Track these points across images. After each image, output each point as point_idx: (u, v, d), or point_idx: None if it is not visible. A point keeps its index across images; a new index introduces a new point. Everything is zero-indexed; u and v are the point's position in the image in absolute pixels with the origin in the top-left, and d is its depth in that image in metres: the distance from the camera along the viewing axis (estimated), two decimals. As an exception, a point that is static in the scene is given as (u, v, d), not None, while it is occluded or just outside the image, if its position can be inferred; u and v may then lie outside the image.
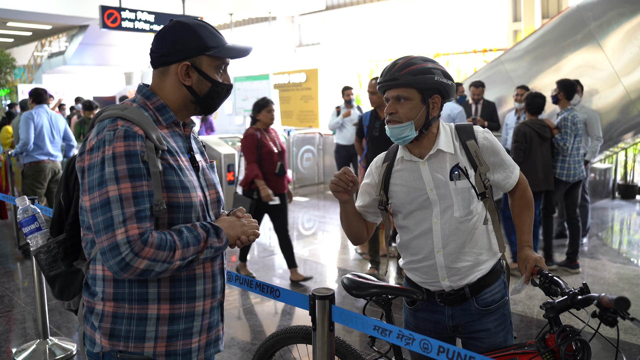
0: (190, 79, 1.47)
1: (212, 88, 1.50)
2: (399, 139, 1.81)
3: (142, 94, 1.49)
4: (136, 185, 1.32)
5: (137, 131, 1.35)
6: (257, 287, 1.81)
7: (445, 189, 1.81)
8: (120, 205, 1.30)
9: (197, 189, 1.47)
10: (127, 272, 1.30)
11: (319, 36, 24.40)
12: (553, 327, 1.59)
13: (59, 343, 3.61)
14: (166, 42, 1.46)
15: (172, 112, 1.49)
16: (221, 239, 1.44)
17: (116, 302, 1.41)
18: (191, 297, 1.46)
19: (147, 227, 1.32)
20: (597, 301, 1.45)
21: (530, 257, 1.78)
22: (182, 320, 1.45)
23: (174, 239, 1.34)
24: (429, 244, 1.84)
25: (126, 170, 1.31)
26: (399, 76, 1.76)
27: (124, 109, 1.41)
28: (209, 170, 1.59)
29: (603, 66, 6.96)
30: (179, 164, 1.43)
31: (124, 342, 1.41)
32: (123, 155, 1.32)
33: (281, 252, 5.04)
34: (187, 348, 1.47)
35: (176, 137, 1.50)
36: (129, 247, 1.28)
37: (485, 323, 1.87)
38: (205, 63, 1.47)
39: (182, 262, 1.35)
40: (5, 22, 19.64)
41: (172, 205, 1.39)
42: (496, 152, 1.86)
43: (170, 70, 1.47)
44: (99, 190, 1.31)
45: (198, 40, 1.45)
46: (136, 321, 1.41)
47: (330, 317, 1.54)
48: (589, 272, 5.07)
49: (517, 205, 1.96)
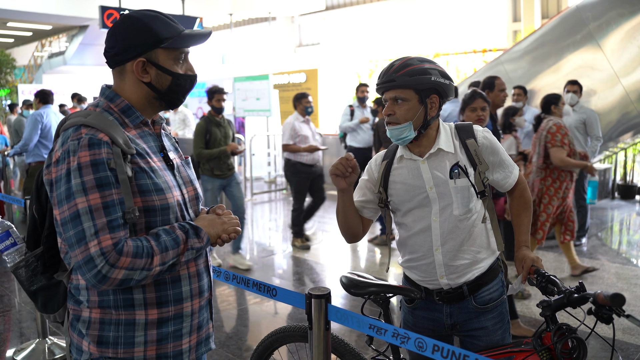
0: (149, 74, 1.40)
1: (174, 81, 1.42)
2: (398, 140, 1.83)
3: (105, 97, 1.42)
4: (105, 194, 1.27)
5: (102, 138, 1.30)
6: (254, 287, 1.82)
7: (445, 187, 1.82)
8: (90, 217, 1.25)
9: (173, 188, 1.42)
10: (105, 284, 1.27)
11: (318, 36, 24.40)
12: (549, 325, 1.60)
13: (58, 342, 3.61)
14: (117, 39, 1.38)
15: (139, 112, 1.43)
16: (201, 239, 1.40)
17: (102, 309, 1.38)
18: (178, 299, 1.42)
19: (121, 236, 1.28)
20: (592, 298, 1.46)
21: (527, 256, 1.79)
22: (170, 322, 1.42)
23: (150, 245, 1.30)
24: (428, 241, 1.85)
25: (93, 181, 1.26)
26: (395, 77, 1.76)
27: (87, 116, 1.35)
28: (185, 167, 1.53)
29: (602, 66, 6.97)
30: (151, 166, 1.38)
31: (112, 349, 1.37)
32: (89, 165, 1.27)
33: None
34: (178, 349, 1.44)
35: (146, 137, 1.45)
36: (103, 259, 1.24)
37: (483, 321, 1.87)
38: (161, 56, 1.40)
39: (162, 267, 1.32)
40: (6, 22, 19.64)
41: (148, 209, 1.35)
42: (495, 151, 1.87)
43: (126, 69, 1.40)
44: (67, 203, 1.27)
45: (150, 33, 1.37)
46: (124, 327, 1.37)
47: (326, 316, 1.54)
48: (588, 272, 5.07)
49: (516, 205, 1.97)
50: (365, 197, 1.97)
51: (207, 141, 5.12)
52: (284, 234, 6.91)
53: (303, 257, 5.82)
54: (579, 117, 5.77)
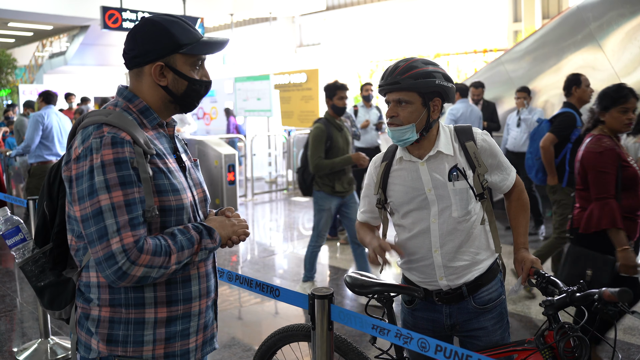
0: (166, 78, 1.43)
1: (189, 86, 1.45)
2: (400, 141, 1.84)
3: (123, 97, 1.45)
4: (128, 192, 1.29)
5: (124, 137, 1.32)
6: (257, 287, 1.83)
7: (444, 189, 1.83)
8: (113, 214, 1.27)
9: (187, 189, 1.45)
10: (125, 281, 1.29)
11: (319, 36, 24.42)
12: (552, 324, 1.61)
13: (60, 342, 3.63)
14: (137, 42, 1.41)
15: (156, 114, 1.45)
16: (214, 240, 1.43)
17: (112, 307, 1.39)
18: (187, 299, 1.45)
19: (142, 233, 1.30)
20: (597, 296, 1.46)
21: (526, 258, 1.80)
22: (179, 321, 1.44)
23: (168, 244, 1.33)
24: (427, 243, 1.86)
25: (117, 178, 1.29)
26: (400, 80, 1.77)
27: (107, 115, 1.37)
28: (194, 170, 1.56)
29: (603, 67, 6.97)
30: (168, 167, 1.41)
31: (122, 347, 1.39)
32: (112, 163, 1.29)
33: None
34: (185, 348, 1.46)
35: (162, 139, 1.47)
36: (125, 256, 1.26)
37: (483, 321, 1.89)
38: (179, 61, 1.43)
39: (178, 265, 1.34)
40: (7, 22, 19.67)
41: (164, 209, 1.37)
42: (494, 154, 1.89)
43: (144, 72, 1.43)
44: (89, 200, 1.28)
45: (170, 38, 1.40)
46: (134, 325, 1.39)
47: (329, 317, 1.55)
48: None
49: (514, 208, 1.98)
50: (371, 206, 2.02)
51: (326, 149, 4.15)
52: (285, 234, 6.92)
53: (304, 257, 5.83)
54: (579, 118, 5.77)
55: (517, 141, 6.26)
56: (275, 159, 11.00)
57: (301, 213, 8.23)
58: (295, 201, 9.12)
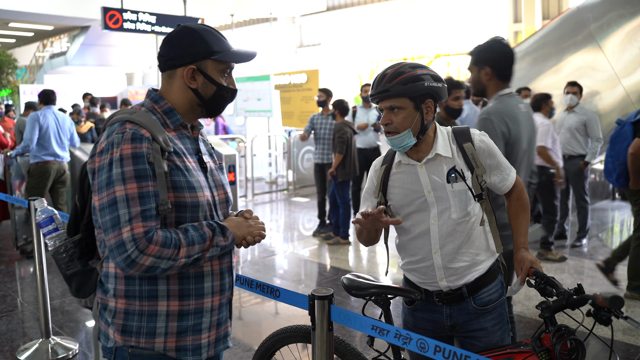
0: (196, 82, 1.51)
1: (217, 91, 1.54)
2: (399, 148, 1.85)
3: (150, 98, 1.54)
4: (142, 185, 1.36)
5: (144, 134, 1.40)
6: (258, 287, 1.84)
7: (443, 191, 1.84)
8: (126, 205, 1.34)
9: (205, 188, 1.51)
10: (133, 269, 1.35)
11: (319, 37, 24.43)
12: (549, 326, 1.62)
13: (61, 342, 3.64)
14: (173, 46, 1.51)
15: (180, 115, 1.53)
16: (227, 238, 1.47)
17: (127, 298, 1.46)
18: (199, 294, 1.50)
19: (153, 225, 1.36)
20: (591, 300, 1.47)
21: (525, 258, 1.81)
22: (191, 316, 1.49)
23: (179, 237, 1.39)
24: (427, 245, 1.87)
25: (132, 172, 1.36)
26: (390, 87, 1.78)
27: (132, 113, 1.46)
28: (218, 172, 1.62)
29: (603, 67, 6.98)
30: (186, 165, 1.48)
31: (135, 338, 1.46)
32: (130, 157, 1.37)
33: None
34: (197, 344, 1.51)
35: (184, 139, 1.54)
36: (134, 245, 1.33)
37: (483, 322, 1.90)
38: (210, 67, 1.51)
39: (187, 259, 1.39)
40: (7, 22, 19.68)
41: (179, 204, 1.43)
42: (492, 154, 1.90)
43: (176, 74, 1.51)
44: (107, 190, 1.36)
45: (204, 44, 1.49)
46: (147, 317, 1.45)
47: (329, 317, 1.56)
48: (588, 273, 5.09)
49: (514, 208, 1.99)
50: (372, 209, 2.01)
51: None
52: (285, 234, 6.94)
53: (304, 257, 5.85)
54: (579, 119, 5.79)
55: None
56: (275, 159, 11.01)
57: (301, 213, 8.24)
58: (296, 201, 9.13)
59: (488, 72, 2.62)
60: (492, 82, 2.64)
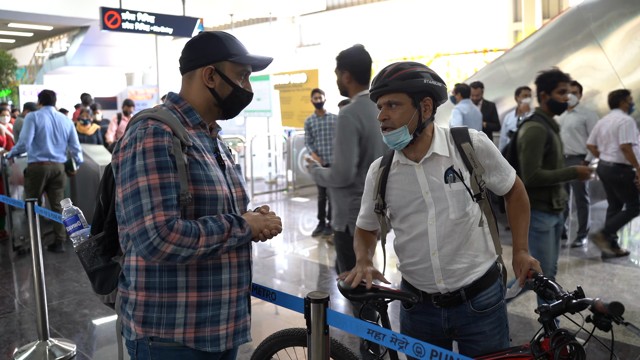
0: (214, 82, 1.59)
1: (233, 92, 1.62)
2: (395, 145, 1.83)
3: (171, 99, 1.62)
4: (163, 176, 1.43)
5: (165, 129, 1.47)
6: (254, 290, 1.82)
7: (441, 191, 1.82)
8: (149, 195, 1.41)
9: (223, 184, 1.57)
10: (155, 256, 1.40)
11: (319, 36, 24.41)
12: (548, 330, 1.59)
13: (59, 344, 3.62)
14: (194, 48, 1.60)
15: (198, 114, 1.61)
16: (244, 229, 1.53)
17: (147, 290, 1.51)
18: (217, 285, 1.55)
19: (174, 215, 1.42)
20: (591, 306, 1.45)
21: (525, 260, 1.79)
22: (209, 307, 1.54)
23: (198, 227, 1.44)
24: (425, 246, 1.85)
25: (154, 163, 1.43)
26: (388, 82, 1.77)
27: (154, 111, 1.54)
28: (235, 171, 1.70)
29: (603, 66, 6.96)
30: (205, 160, 1.54)
31: (155, 329, 1.51)
32: (152, 149, 1.44)
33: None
34: (215, 335, 1.55)
35: (203, 138, 1.62)
36: (156, 232, 1.38)
37: (481, 326, 1.87)
38: (227, 68, 1.60)
39: (206, 249, 1.44)
40: (7, 23, 19.66)
41: (198, 197, 1.50)
42: (491, 154, 1.87)
43: (196, 74, 1.60)
44: (130, 181, 1.43)
45: (222, 47, 1.59)
46: (166, 308, 1.51)
47: (325, 321, 1.54)
48: (588, 272, 5.07)
49: (513, 208, 1.97)
50: (369, 212, 2.02)
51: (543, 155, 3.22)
52: (285, 235, 6.92)
53: (304, 258, 5.83)
54: (580, 118, 5.77)
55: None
56: (275, 159, 11.00)
57: (301, 214, 8.22)
58: (295, 201, 9.11)
59: (348, 75, 2.90)
60: (352, 85, 2.92)
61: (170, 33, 12.51)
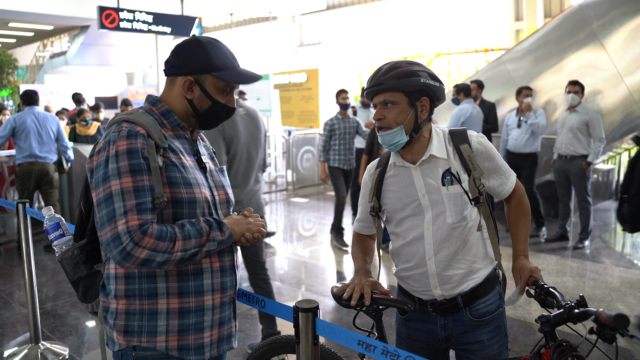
0: (193, 93, 1.54)
1: (211, 107, 1.55)
2: (391, 146, 1.76)
3: (148, 102, 1.58)
4: (137, 179, 1.38)
5: (139, 130, 1.43)
6: (243, 297, 1.75)
7: (438, 194, 1.75)
8: (121, 198, 1.36)
9: (202, 186, 1.51)
10: (129, 262, 1.35)
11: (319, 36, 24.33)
12: (549, 341, 1.52)
13: (51, 347, 3.56)
14: (178, 55, 1.54)
15: (177, 116, 1.55)
16: (224, 233, 1.47)
17: (127, 298, 1.46)
18: (199, 291, 1.49)
19: (148, 219, 1.37)
20: (594, 317, 1.38)
21: (525, 267, 1.72)
22: (191, 314, 1.49)
23: (174, 231, 1.39)
24: (420, 251, 1.78)
25: (127, 166, 1.38)
26: (384, 80, 1.71)
27: (129, 114, 1.50)
28: (218, 173, 1.64)
29: (606, 66, 6.88)
30: (182, 162, 1.49)
31: (137, 337, 1.46)
32: (125, 152, 1.39)
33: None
34: (199, 342, 1.50)
35: (182, 140, 1.56)
36: (129, 237, 1.33)
37: (479, 335, 1.80)
38: (209, 82, 1.53)
39: (183, 253, 1.39)
40: (7, 22, 19.64)
41: (175, 200, 1.45)
42: (491, 157, 1.81)
43: (176, 82, 1.55)
44: (103, 185, 1.39)
45: (207, 58, 1.51)
46: (147, 316, 1.46)
47: (314, 331, 1.47)
48: (591, 275, 4.99)
49: (513, 213, 1.90)
50: (365, 215, 1.97)
51: None
52: (285, 235, 6.85)
53: (304, 259, 5.76)
54: (581, 118, 5.69)
55: (518, 142, 6.16)
56: (275, 159, 10.93)
57: (300, 214, 8.15)
58: (295, 202, 9.05)
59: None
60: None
61: (169, 32, 12.43)
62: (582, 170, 5.74)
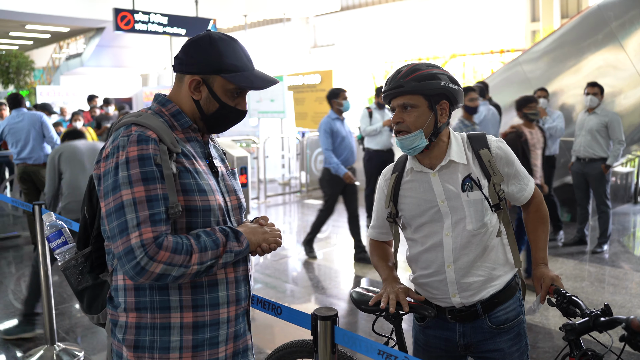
0: (200, 94, 1.44)
1: (219, 110, 1.46)
2: (409, 150, 1.73)
3: (157, 102, 1.48)
4: (150, 188, 1.29)
5: (150, 135, 1.34)
6: (259, 304, 1.73)
7: (457, 200, 1.72)
8: (134, 209, 1.27)
9: (216, 192, 1.43)
10: (143, 277, 1.27)
11: (333, 37, 24.31)
12: (573, 350, 1.49)
13: (67, 348, 3.58)
14: (188, 51, 1.44)
15: (188, 117, 1.46)
16: (241, 243, 1.40)
17: (138, 312, 1.38)
18: (214, 304, 1.41)
19: (162, 230, 1.28)
20: (625, 324, 1.34)
21: (546, 275, 1.68)
22: (206, 328, 1.40)
23: (190, 243, 1.31)
24: (439, 257, 1.75)
25: (139, 174, 1.29)
26: (404, 83, 1.68)
27: (138, 116, 1.41)
28: (230, 177, 1.55)
29: (625, 66, 6.77)
30: (195, 167, 1.41)
31: (149, 353, 1.37)
32: (136, 159, 1.30)
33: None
34: (214, 358, 1.42)
35: (193, 143, 1.47)
36: (143, 251, 1.25)
37: (499, 342, 1.77)
38: (217, 83, 1.43)
39: (200, 266, 1.31)
40: (24, 24, 19.88)
41: (189, 209, 1.36)
42: (510, 162, 1.77)
43: (184, 80, 1.45)
44: (113, 195, 1.30)
45: (217, 59, 1.41)
46: (159, 330, 1.37)
47: (332, 339, 1.45)
48: (610, 280, 4.90)
49: (532, 220, 1.86)
50: (381, 221, 1.94)
51: None
52: (298, 237, 6.83)
53: (317, 261, 5.74)
54: (600, 120, 5.60)
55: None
56: (288, 161, 10.92)
57: (314, 216, 8.11)
58: (309, 204, 9.03)
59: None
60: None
61: (184, 34, 12.51)
62: (601, 173, 5.65)
